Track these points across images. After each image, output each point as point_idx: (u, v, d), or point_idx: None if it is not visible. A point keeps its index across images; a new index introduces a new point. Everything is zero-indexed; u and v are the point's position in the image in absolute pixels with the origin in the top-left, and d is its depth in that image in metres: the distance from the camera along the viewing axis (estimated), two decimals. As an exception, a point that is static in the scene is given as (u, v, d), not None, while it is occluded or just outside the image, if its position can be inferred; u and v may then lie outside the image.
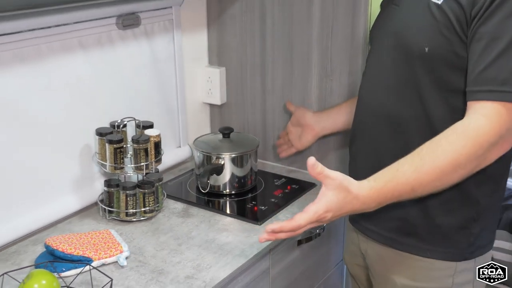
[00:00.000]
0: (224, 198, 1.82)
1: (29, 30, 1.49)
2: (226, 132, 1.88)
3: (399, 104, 1.32)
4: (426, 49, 1.22)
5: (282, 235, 1.20)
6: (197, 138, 1.91)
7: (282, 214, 1.69)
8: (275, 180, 1.92)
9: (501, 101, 1.12)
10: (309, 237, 1.69)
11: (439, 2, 1.20)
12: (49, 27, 1.54)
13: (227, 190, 1.82)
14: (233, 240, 1.54)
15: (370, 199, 1.16)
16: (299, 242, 1.67)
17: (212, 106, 2.18)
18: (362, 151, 1.45)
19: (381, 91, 1.37)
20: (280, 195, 1.81)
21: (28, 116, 1.54)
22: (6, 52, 1.45)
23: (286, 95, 1.97)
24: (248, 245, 1.51)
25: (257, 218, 1.66)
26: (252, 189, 1.85)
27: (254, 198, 1.81)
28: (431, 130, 1.25)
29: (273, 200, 1.78)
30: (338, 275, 1.99)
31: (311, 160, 1.12)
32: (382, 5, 1.50)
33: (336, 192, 1.13)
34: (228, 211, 1.74)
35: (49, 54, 1.56)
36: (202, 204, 1.76)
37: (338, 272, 1.98)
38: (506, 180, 1.39)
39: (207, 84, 2.10)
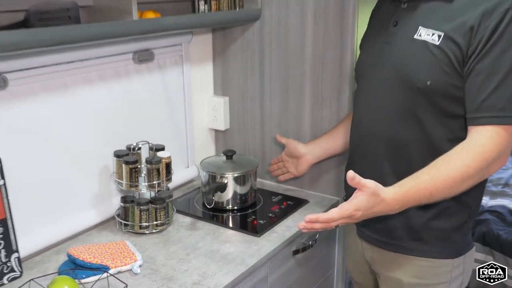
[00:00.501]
0: (227, 213, 1.81)
1: (55, 64, 1.50)
2: (229, 154, 1.88)
3: (400, 128, 1.33)
4: (428, 82, 1.24)
5: (317, 226, 1.23)
6: (203, 160, 1.91)
7: (278, 227, 1.68)
8: (272, 197, 1.91)
9: (500, 125, 1.19)
10: (304, 247, 1.69)
11: (437, 43, 1.23)
12: (73, 61, 1.56)
13: (230, 206, 1.82)
14: (235, 250, 1.54)
15: (395, 202, 1.20)
16: (294, 252, 1.67)
17: (216, 131, 2.18)
18: (365, 172, 1.42)
19: (380, 117, 1.37)
20: (277, 210, 1.81)
21: (55, 139, 1.55)
22: (36, 84, 1.47)
23: (282, 122, 1.97)
24: (248, 255, 1.51)
25: (256, 231, 1.66)
26: (252, 205, 1.85)
27: (254, 213, 1.80)
28: (430, 149, 1.30)
29: (270, 215, 1.77)
30: (330, 282, 1.97)
31: (350, 173, 1.17)
32: (366, 44, 1.51)
33: (368, 197, 1.18)
34: (230, 225, 1.73)
35: (73, 85, 1.58)
36: (208, 218, 1.76)
37: (330, 279, 1.96)
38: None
39: (212, 112, 2.12)
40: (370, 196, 1.18)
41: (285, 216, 1.76)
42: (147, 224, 1.64)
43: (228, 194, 1.81)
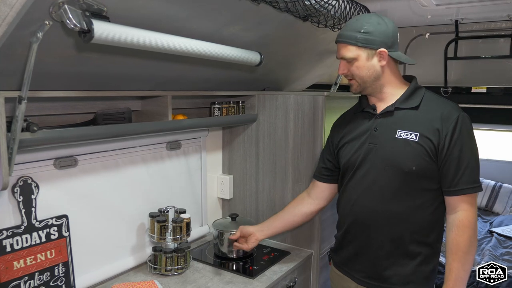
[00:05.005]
0: (230, 260, 1.78)
1: (111, 150, 1.54)
2: (233, 217, 1.88)
3: (393, 201, 1.31)
4: (414, 168, 1.27)
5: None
6: (215, 220, 1.90)
7: (268, 272, 1.66)
8: (263, 249, 1.89)
9: (472, 193, 1.26)
10: (288, 287, 1.65)
11: (416, 140, 1.27)
12: (124, 148, 1.60)
13: (233, 255, 1.79)
14: (235, 288, 1.52)
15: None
16: (279, 291, 1.63)
17: (223, 199, 2.17)
18: (358, 238, 1.39)
19: (376, 194, 1.33)
20: (266, 259, 1.78)
21: (107, 202, 1.56)
22: (97, 163, 1.51)
23: (271, 194, 1.97)
24: (245, 292, 1.48)
25: (252, 274, 1.64)
26: (249, 255, 1.82)
27: (250, 261, 1.77)
28: (414, 213, 1.30)
29: (262, 262, 1.75)
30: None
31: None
32: (347, 145, 1.42)
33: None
34: (233, 269, 1.70)
35: (123, 165, 1.61)
36: (216, 265, 1.73)
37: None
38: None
39: (221, 186, 2.11)
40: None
41: (273, 264, 1.73)
42: (171, 267, 1.62)
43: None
